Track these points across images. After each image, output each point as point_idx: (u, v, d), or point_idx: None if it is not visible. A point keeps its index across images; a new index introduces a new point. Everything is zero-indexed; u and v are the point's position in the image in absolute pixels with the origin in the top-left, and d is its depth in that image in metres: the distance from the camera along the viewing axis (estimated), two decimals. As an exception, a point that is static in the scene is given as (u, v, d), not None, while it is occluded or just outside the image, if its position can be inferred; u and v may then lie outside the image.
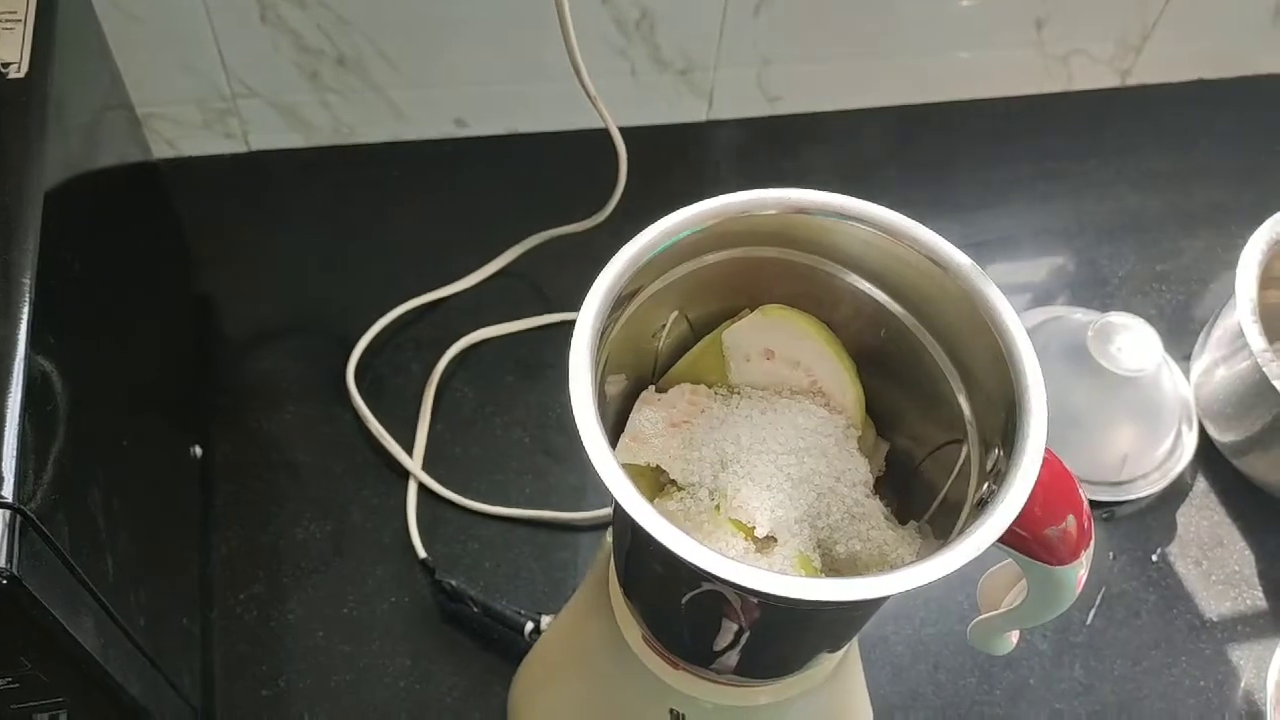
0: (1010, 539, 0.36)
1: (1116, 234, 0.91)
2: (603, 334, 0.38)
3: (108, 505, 0.50)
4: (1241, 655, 0.71)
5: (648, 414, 0.42)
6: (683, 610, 0.40)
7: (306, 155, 0.88)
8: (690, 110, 0.92)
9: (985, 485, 0.38)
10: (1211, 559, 0.75)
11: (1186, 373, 0.81)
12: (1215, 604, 0.73)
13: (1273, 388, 0.69)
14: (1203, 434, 0.79)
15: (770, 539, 0.40)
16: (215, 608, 0.68)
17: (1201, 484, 0.78)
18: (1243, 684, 0.70)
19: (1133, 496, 0.76)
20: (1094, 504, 0.75)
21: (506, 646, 0.66)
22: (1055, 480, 0.37)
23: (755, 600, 0.37)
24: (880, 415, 0.45)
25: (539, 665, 0.58)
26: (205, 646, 0.66)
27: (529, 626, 0.65)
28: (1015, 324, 0.37)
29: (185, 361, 0.74)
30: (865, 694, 0.56)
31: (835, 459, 0.41)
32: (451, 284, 0.81)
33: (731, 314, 0.44)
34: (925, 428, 0.43)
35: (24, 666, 0.45)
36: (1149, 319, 0.75)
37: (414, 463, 0.73)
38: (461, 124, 0.89)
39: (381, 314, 0.79)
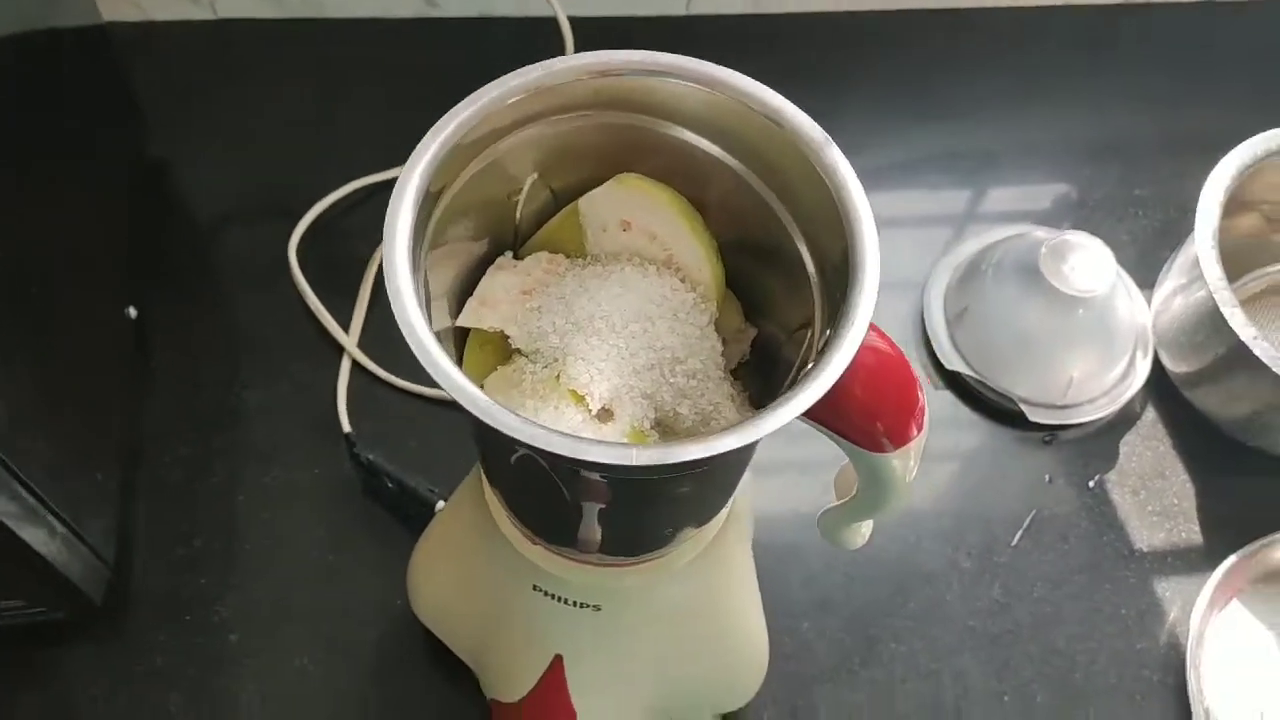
0: (828, 419, 0.35)
1: (1100, 155, 0.87)
2: (439, 193, 0.37)
3: (4, 351, 0.51)
4: (1168, 588, 0.70)
5: (501, 279, 0.42)
6: (513, 481, 0.40)
7: (275, 27, 0.87)
8: (669, 3, 0.90)
9: (812, 362, 0.37)
10: (1150, 489, 0.73)
11: (1150, 300, 0.78)
12: (1148, 535, 0.72)
13: (1226, 321, 0.67)
14: (1157, 364, 0.77)
15: (606, 411, 0.39)
16: (141, 467, 0.68)
17: (1150, 414, 0.76)
18: (1170, 616, 0.69)
19: (1077, 421, 0.74)
20: (1035, 427, 0.74)
21: (420, 523, 0.66)
22: (882, 362, 0.35)
23: (568, 466, 0.36)
24: (750, 300, 0.44)
25: (432, 543, 0.58)
26: (127, 504, 0.67)
27: (440, 505, 0.65)
28: (855, 187, 0.35)
29: (125, 223, 0.74)
30: (753, 584, 0.55)
31: (685, 336, 0.40)
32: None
33: (596, 185, 0.42)
34: (788, 311, 0.42)
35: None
36: (1120, 244, 0.73)
37: (349, 339, 0.73)
38: (432, 4, 0.87)
39: (333, 189, 0.78)
